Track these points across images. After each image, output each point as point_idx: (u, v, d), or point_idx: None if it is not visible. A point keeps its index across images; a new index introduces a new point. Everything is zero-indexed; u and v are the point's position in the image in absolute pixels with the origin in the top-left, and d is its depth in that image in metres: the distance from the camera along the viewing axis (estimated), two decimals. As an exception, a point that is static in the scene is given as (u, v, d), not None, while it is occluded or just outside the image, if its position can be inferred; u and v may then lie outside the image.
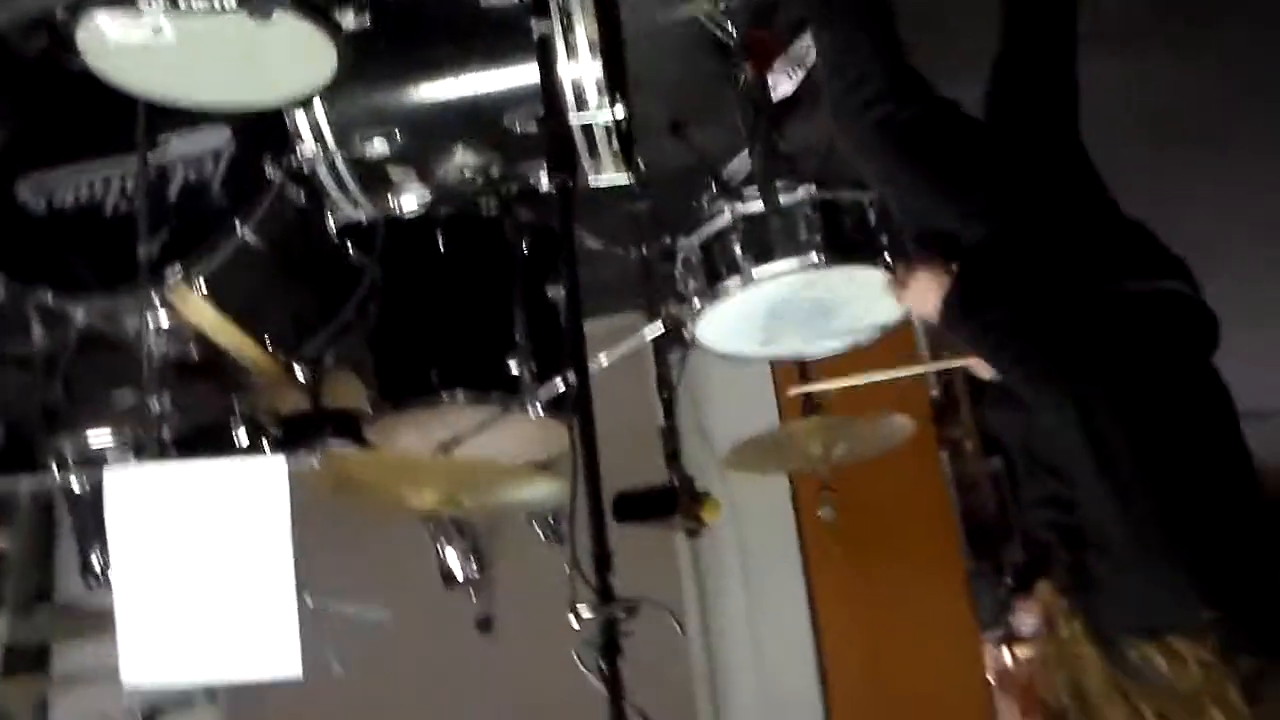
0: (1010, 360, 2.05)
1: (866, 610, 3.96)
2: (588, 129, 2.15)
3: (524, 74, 2.11)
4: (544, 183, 2.29)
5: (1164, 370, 2.02)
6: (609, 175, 2.35)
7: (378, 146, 2.19)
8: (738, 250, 2.33)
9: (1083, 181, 2.33)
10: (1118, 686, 1.91)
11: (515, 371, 2.52)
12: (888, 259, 2.34)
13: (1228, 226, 4.16)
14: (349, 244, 2.64)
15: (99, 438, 2.70)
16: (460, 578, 3.68)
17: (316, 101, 2.15)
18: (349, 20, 2.04)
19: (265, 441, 2.95)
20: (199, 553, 2.05)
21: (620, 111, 2.12)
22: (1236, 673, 1.80)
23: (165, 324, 2.38)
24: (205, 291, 2.36)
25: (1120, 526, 1.89)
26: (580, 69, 2.08)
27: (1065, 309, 2.07)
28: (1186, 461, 1.93)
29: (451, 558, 3.66)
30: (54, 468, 2.69)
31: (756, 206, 2.35)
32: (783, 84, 2.87)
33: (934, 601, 3.95)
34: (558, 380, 2.49)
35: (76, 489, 2.76)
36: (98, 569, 2.80)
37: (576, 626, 1.91)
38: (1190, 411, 2.00)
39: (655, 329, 2.63)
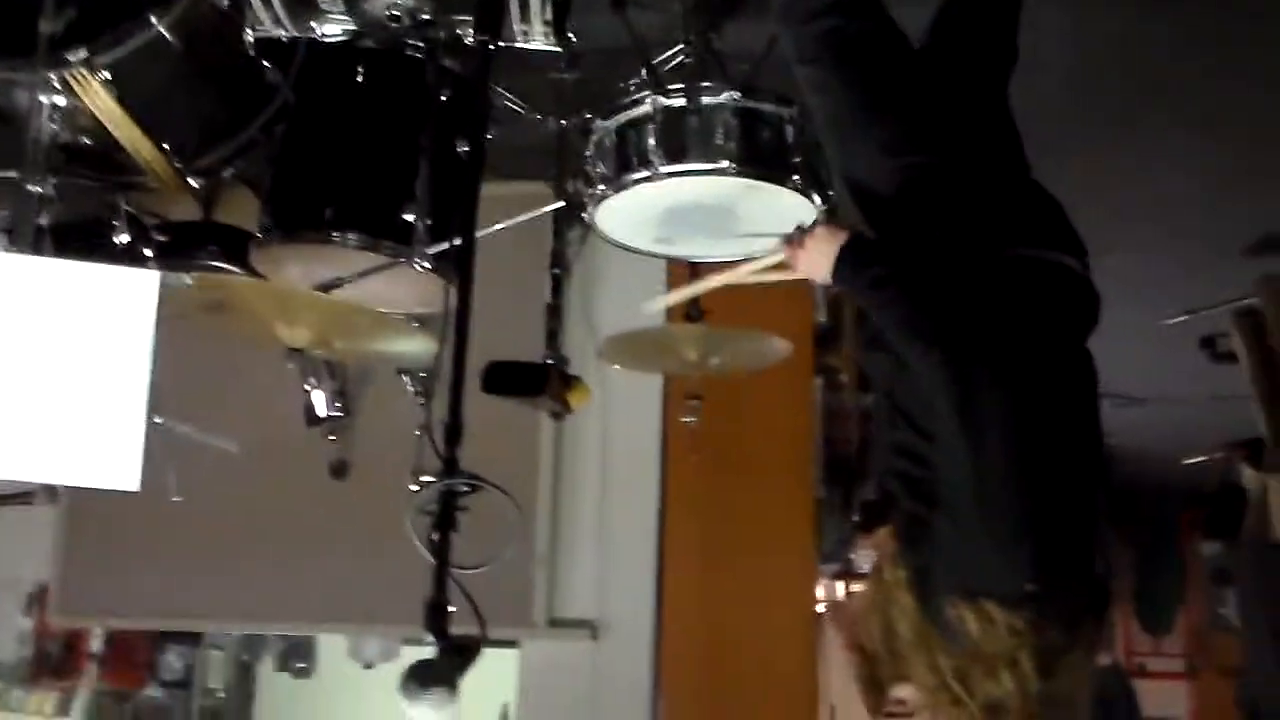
0: (896, 317, 2.06)
1: (713, 521, 4.01)
2: (523, -11, 2.11)
3: (467, -79, 2.05)
4: (469, 37, 2.24)
5: (1043, 344, 2.06)
6: (537, 40, 2.31)
7: (309, -34, 2.12)
8: (651, 142, 2.30)
9: (1002, 139, 2.34)
10: (925, 639, 1.98)
11: (410, 222, 2.47)
12: (796, 180, 2.32)
13: (1129, 206, 4.23)
14: (265, 61, 2.56)
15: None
16: (323, 417, 3.67)
17: (251, -95, 2.07)
18: None
19: (146, 246, 2.89)
20: (54, 352, 2.00)
21: (557, -22, 2.08)
22: (1039, 645, 1.88)
23: (61, 106, 2.31)
24: (109, 80, 2.27)
25: (970, 490, 1.92)
26: (526, -73, 2.03)
27: (957, 270, 2.08)
28: (1047, 438, 1.97)
29: (318, 397, 3.64)
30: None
31: (679, 102, 2.32)
32: (733, -21, 2.84)
33: (781, 524, 4.04)
34: (450, 237, 2.45)
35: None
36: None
37: (413, 490, 1.91)
38: (1059, 388, 2.05)
39: (556, 204, 2.61)
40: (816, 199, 2.38)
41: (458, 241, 2.10)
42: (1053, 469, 1.96)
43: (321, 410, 3.66)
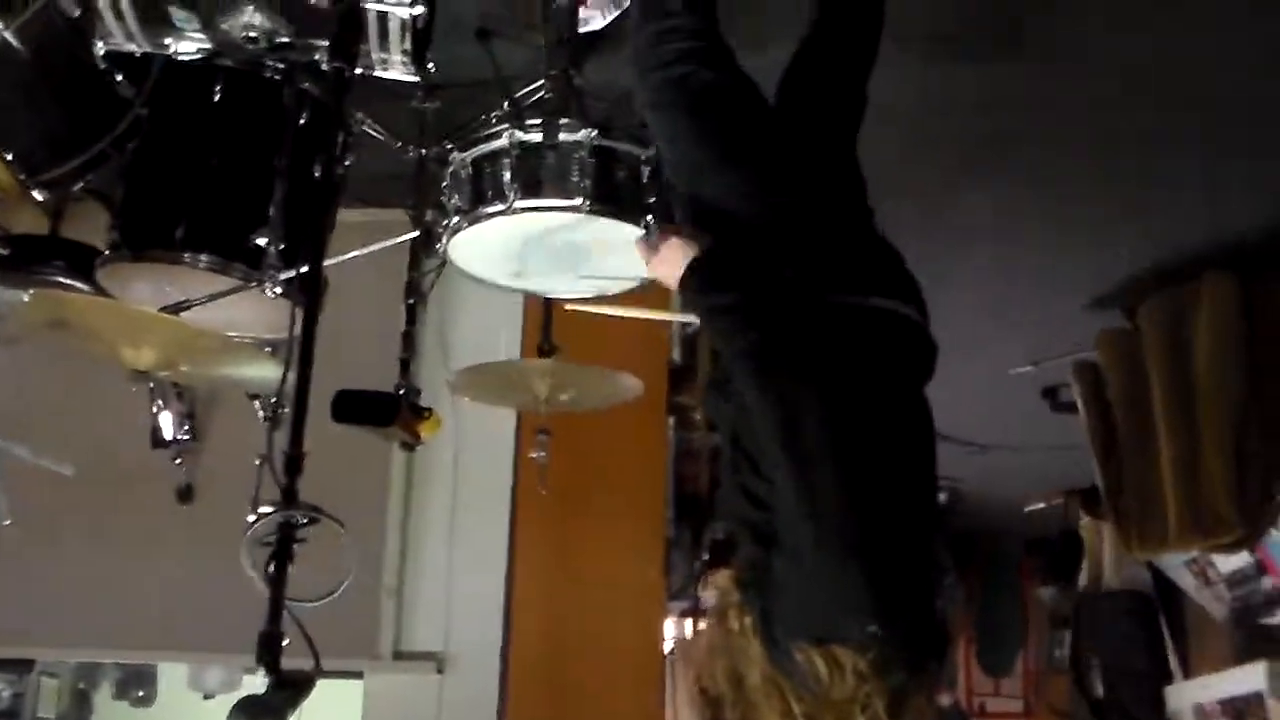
0: (734, 350, 2.07)
1: (562, 556, 4.00)
2: (383, 17, 2.10)
3: (328, -53, 2.04)
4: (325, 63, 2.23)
5: (879, 389, 2.08)
6: (396, 69, 2.31)
7: (164, -16, 2.09)
8: (506, 176, 2.30)
9: (848, 187, 2.39)
10: (776, 684, 1.97)
11: (263, 246, 2.44)
12: (650, 220, 2.35)
13: (976, 259, 4.37)
14: (119, 74, 2.51)
15: None
16: (169, 440, 3.60)
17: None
18: None
19: (-13, 258, 2.81)
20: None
21: (418, 10, 2.08)
22: (887, 687, 1.89)
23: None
24: (-50, 86, 2.22)
25: (808, 533, 1.92)
26: (388, -43, 2.03)
27: (797, 310, 2.10)
28: (882, 482, 1.98)
29: (165, 419, 3.57)
30: None
31: (536, 137, 2.33)
32: (595, 18, 2.87)
33: (629, 561, 4.04)
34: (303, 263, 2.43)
35: None
36: None
37: (251, 520, 1.89)
38: (893, 433, 2.07)
39: (412, 233, 2.60)
40: (670, 240, 2.40)
41: (306, 267, 2.08)
42: (888, 513, 1.98)
43: (169, 433, 3.59)
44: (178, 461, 3.69)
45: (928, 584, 2.06)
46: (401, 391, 2.68)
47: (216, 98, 2.51)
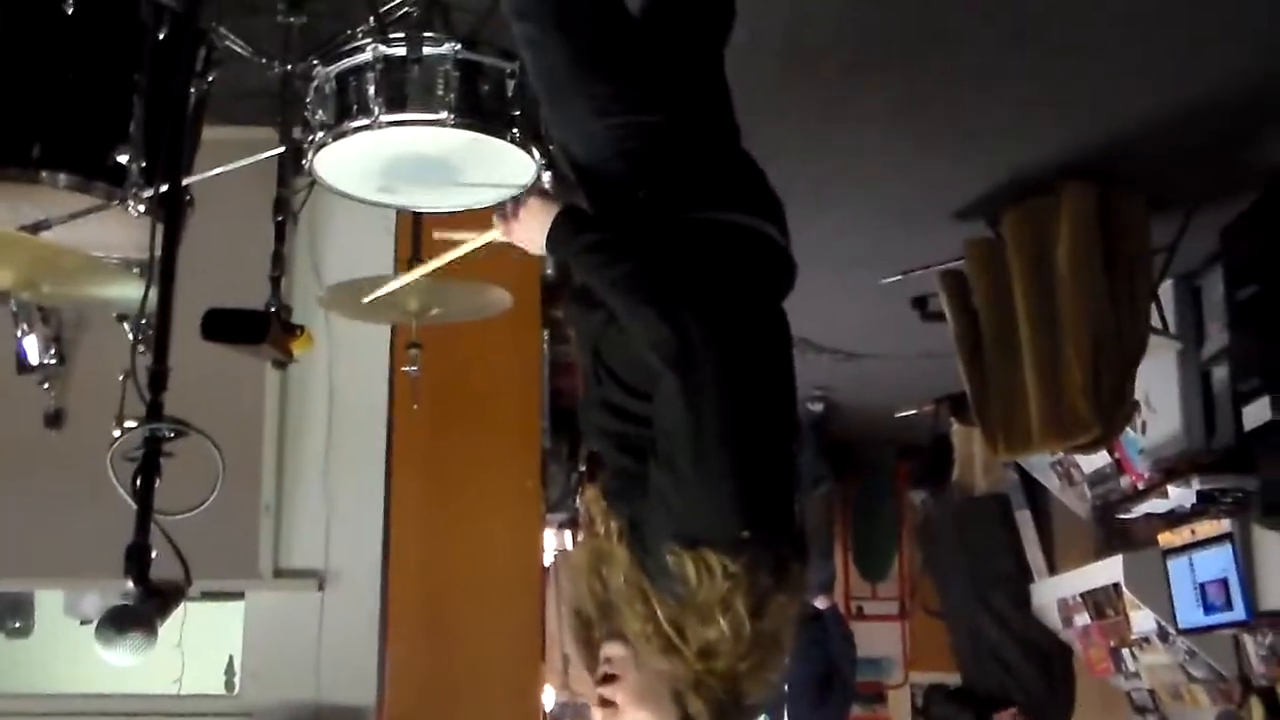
0: (610, 281, 2.09)
1: (440, 470, 4.04)
2: (241, -71, 2.07)
3: None
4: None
5: (751, 304, 2.14)
6: (258, -18, 2.27)
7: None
8: (370, 91, 2.30)
9: (715, 102, 2.42)
10: (640, 588, 2.04)
11: (123, 164, 2.40)
12: (515, 134, 2.36)
13: (845, 175, 4.44)
14: (-35, -15, 2.44)
15: None
16: (35, 364, 3.53)
17: None
18: None
19: None
20: None
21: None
22: (753, 588, 1.97)
23: None
24: None
25: (689, 444, 1.98)
26: None
27: (667, 232, 2.15)
28: (757, 394, 2.05)
29: (30, 343, 3.50)
30: None
31: (400, 51, 2.32)
32: (460, -70, 2.84)
33: (507, 473, 4.09)
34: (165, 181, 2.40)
35: None
36: None
37: (116, 435, 1.89)
38: (764, 347, 2.14)
39: (278, 150, 2.58)
40: (535, 154, 2.41)
41: (167, 185, 2.06)
42: (761, 424, 2.04)
43: (34, 357, 3.53)
44: (45, 386, 3.63)
45: (790, 490, 2.14)
46: (272, 309, 2.67)
47: (70, 10, 2.44)
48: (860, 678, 7.77)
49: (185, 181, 2.45)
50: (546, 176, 2.46)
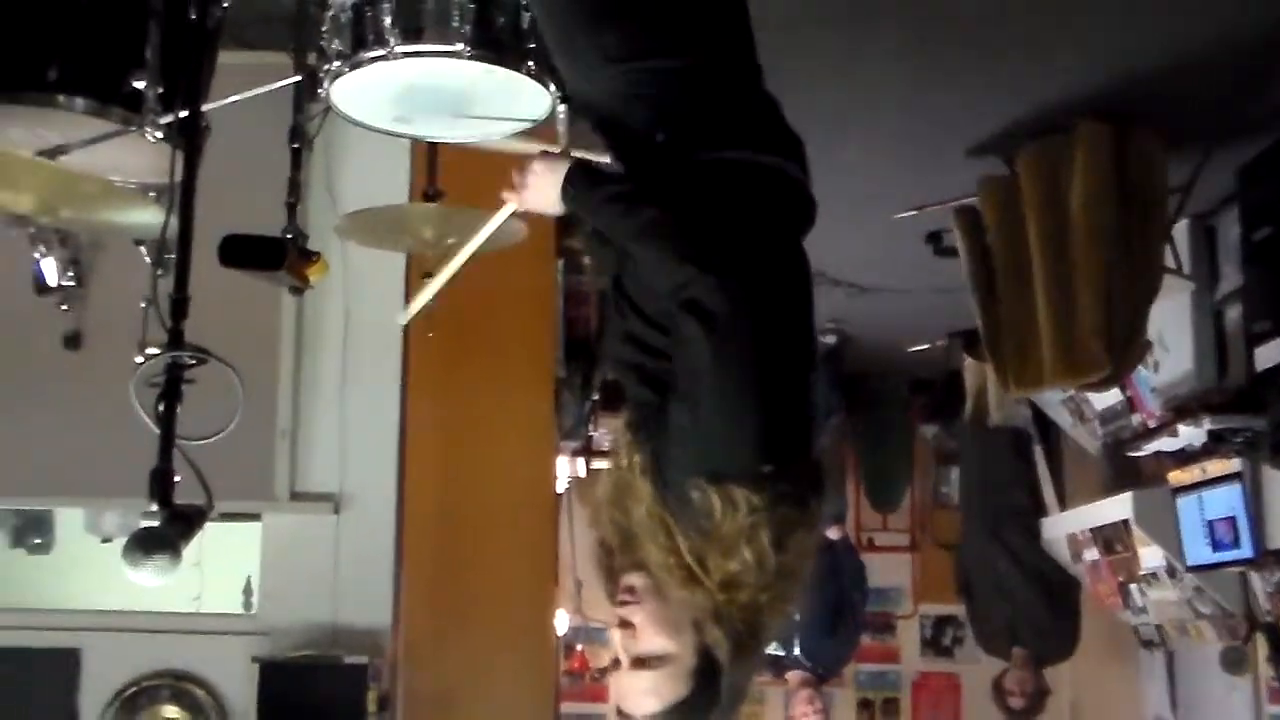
0: (633, 231, 2.10)
1: (454, 397, 4.08)
2: None
3: None
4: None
5: (774, 244, 2.14)
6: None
7: None
8: (387, 21, 2.30)
9: (736, 45, 2.40)
10: (662, 521, 2.04)
11: (140, 89, 2.42)
12: (531, 66, 2.37)
13: (860, 110, 4.43)
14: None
15: None
16: (53, 286, 3.56)
17: None
18: None
19: None
20: None
21: None
22: (776, 520, 1.97)
23: None
24: None
25: (713, 383, 1.98)
26: None
27: (689, 175, 2.14)
28: (779, 331, 2.05)
29: (48, 265, 3.53)
30: None
31: (417, -20, 2.32)
32: None
33: (521, 401, 4.13)
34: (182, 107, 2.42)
35: None
36: None
37: (139, 362, 1.92)
38: (786, 284, 2.14)
39: (294, 78, 2.59)
40: (551, 87, 2.42)
41: (185, 111, 2.07)
42: (783, 362, 2.05)
43: (52, 279, 3.56)
44: (64, 308, 3.66)
45: (809, 424, 2.16)
46: (289, 236, 2.69)
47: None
48: (870, 608, 7.84)
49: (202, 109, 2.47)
50: (562, 110, 2.46)
